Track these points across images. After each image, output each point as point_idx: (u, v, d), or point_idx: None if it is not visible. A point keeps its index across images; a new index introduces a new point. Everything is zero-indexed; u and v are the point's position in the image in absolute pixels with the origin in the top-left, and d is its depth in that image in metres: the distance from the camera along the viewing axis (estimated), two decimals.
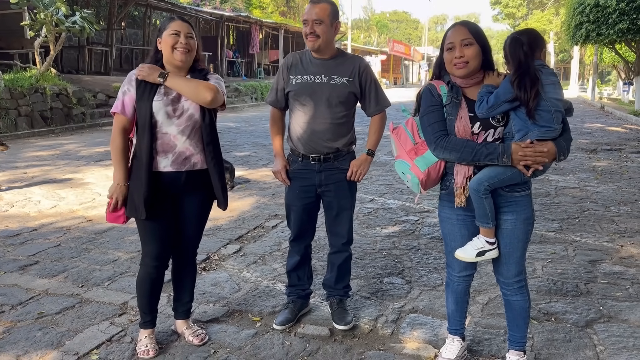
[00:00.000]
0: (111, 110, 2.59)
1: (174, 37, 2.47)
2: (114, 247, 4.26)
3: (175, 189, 2.60)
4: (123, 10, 18.36)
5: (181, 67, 2.54)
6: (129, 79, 2.54)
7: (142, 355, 2.66)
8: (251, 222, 5.08)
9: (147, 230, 2.63)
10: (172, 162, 2.54)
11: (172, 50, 2.48)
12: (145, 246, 2.68)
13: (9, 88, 10.47)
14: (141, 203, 2.49)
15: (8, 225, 4.79)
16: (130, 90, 2.51)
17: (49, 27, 11.19)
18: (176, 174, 2.56)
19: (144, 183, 2.47)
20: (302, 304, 3.12)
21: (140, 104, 2.49)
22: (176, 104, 2.52)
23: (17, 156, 8.33)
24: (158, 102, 2.48)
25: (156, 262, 2.68)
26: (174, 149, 2.53)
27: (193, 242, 2.81)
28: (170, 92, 2.52)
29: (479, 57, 2.31)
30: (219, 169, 2.64)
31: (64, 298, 3.31)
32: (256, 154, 9.02)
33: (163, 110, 2.49)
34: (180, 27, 2.49)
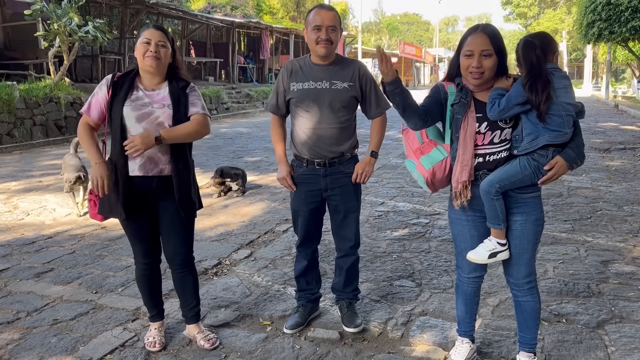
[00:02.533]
0: (81, 110, 2.69)
1: (145, 46, 2.56)
2: (127, 254, 4.32)
3: (148, 192, 2.65)
4: (135, 19, 18.58)
5: (153, 72, 2.61)
6: (102, 82, 2.65)
7: (149, 347, 2.80)
8: (262, 226, 5.12)
9: (129, 231, 2.75)
10: (140, 166, 2.59)
11: (143, 58, 2.57)
12: (133, 246, 2.81)
13: (24, 98, 10.66)
14: (120, 205, 2.58)
15: (24, 234, 4.88)
16: (99, 94, 2.62)
17: (62, 37, 11.38)
18: (146, 178, 2.61)
19: (120, 185, 2.56)
20: (311, 307, 3.14)
21: (114, 108, 2.57)
22: (145, 109, 2.58)
23: (32, 165, 8.47)
24: (127, 107, 2.56)
25: (146, 259, 2.80)
26: (143, 153, 2.56)
27: (180, 246, 2.79)
28: (140, 98, 2.59)
29: (495, 67, 2.32)
30: (184, 175, 2.66)
31: (78, 304, 3.37)
32: (267, 159, 9.07)
33: (132, 115, 2.56)
34: (152, 36, 2.56)
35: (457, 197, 2.41)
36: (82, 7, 12.06)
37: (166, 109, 2.60)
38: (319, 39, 2.71)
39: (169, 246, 2.79)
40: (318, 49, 2.74)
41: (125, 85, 2.58)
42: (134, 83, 2.62)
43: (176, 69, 2.70)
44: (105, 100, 2.59)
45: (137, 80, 2.64)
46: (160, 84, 2.66)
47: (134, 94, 2.59)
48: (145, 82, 2.64)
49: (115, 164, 2.58)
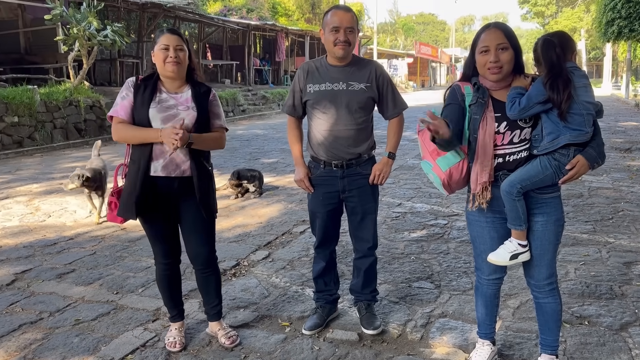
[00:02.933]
0: (108, 114, 2.71)
1: (164, 52, 2.59)
2: (146, 255, 4.36)
3: (170, 193, 2.68)
4: (152, 23, 18.79)
5: (174, 77, 2.66)
6: (127, 85, 2.68)
7: (170, 347, 2.82)
8: (279, 228, 5.13)
9: (151, 232, 2.78)
10: (163, 167, 2.62)
11: (163, 64, 2.60)
12: (154, 246, 2.84)
13: (45, 101, 10.85)
14: (133, 205, 2.60)
15: (46, 235, 4.96)
16: (129, 95, 2.64)
17: (81, 41, 11.55)
18: (168, 179, 2.64)
19: (137, 185, 2.59)
20: (330, 309, 3.14)
21: (139, 110, 2.61)
22: (171, 111, 2.62)
23: (53, 167, 8.61)
24: (153, 109, 2.60)
25: (166, 259, 2.83)
26: (166, 154, 2.61)
27: (203, 246, 2.83)
28: (165, 100, 2.63)
29: (513, 61, 2.30)
30: (205, 178, 2.72)
31: (99, 305, 3.41)
32: (283, 161, 9.10)
33: (158, 117, 2.60)
34: (169, 41, 2.60)
35: (476, 198, 2.39)
36: (101, 12, 12.24)
37: (191, 111, 2.64)
38: (337, 40, 2.71)
39: (191, 246, 2.82)
40: (336, 51, 2.74)
41: (148, 88, 2.62)
42: (157, 86, 2.66)
43: (192, 70, 2.74)
44: (132, 102, 2.63)
45: (159, 83, 2.68)
46: (181, 87, 2.71)
47: (158, 96, 2.63)
48: (167, 86, 2.68)
49: (138, 163, 2.60)
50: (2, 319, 3.21)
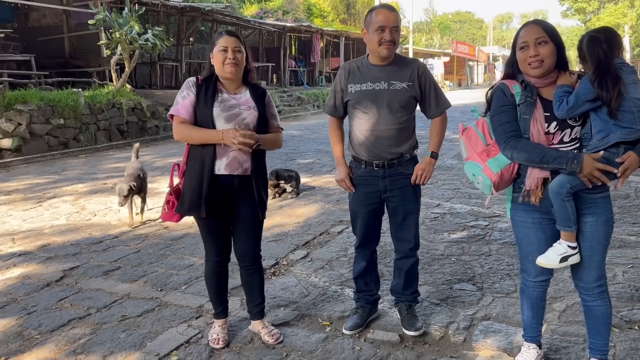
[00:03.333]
0: (169, 113, 2.76)
1: (223, 54, 2.65)
2: (189, 253, 4.45)
3: (230, 191, 2.72)
4: (191, 26, 19.16)
5: (232, 78, 2.72)
6: (187, 85, 2.73)
7: (213, 344, 2.87)
8: (317, 228, 5.15)
9: (207, 229, 2.82)
10: (226, 165, 2.67)
11: (222, 65, 2.65)
12: (207, 244, 2.88)
13: (89, 104, 11.20)
14: (202, 203, 2.65)
15: (92, 233, 5.12)
16: (190, 95, 2.69)
17: (123, 45, 11.88)
18: (230, 177, 2.69)
19: (205, 183, 2.63)
20: (370, 309, 3.13)
21: (202, 109, 2.66)
22: (233, 110, 2.67)
23: (97, 168, 8.88)
24: (217, 108, 2.65)
25: (218, 257, 2.87)
26: (228, 153, 2.66)
27: (253, 244, 2.91)
28: (227, 100, 2.69)
29: (554, 56, 2.25)
30: (262, 177, 2.80)
31: (144, 301, 3.50)
32: (319, 161, 9.12)
33: (222, 116, 2.65)
34: (228, 43, 2.65)
35: (531, 194, 2.32)
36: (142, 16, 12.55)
37: (252, 111, 2.71)
38: (383, 40, 2.69)
39: (242, 244, 2.87)
40: (380, 50, 2.73)
41: (210, 89, 2.68)
42: (217, 86, 2.71)
43: (248, 72, 2.80)
44: (193, 101, 2.68)
45: (219, 84, 2.73)
46: (239, 87, 2.77)
47: (219, 96, 2.69)
48: (226, 86, 2.74)
49: (202, 161, 2.65)
50: (52, 314, 3.33)
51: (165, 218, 2.85)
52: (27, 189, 7.24)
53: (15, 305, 3.46)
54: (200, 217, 2.71)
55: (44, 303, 3.49)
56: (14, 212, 5.95)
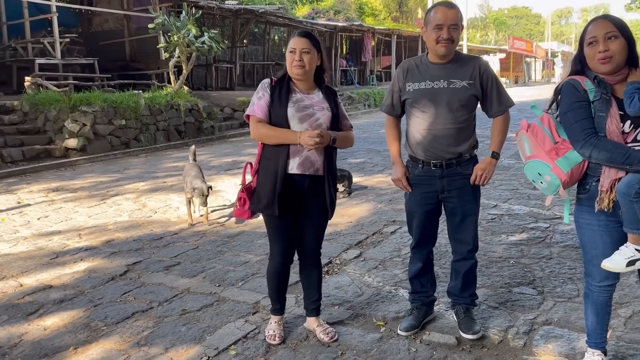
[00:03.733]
0: (245, 113, 2.82)
1: (291, 55, 2.68)
2: (244, 250, 4.55)
3: (300, 191, 2.75)
4: (245, 29, 19.53)
5: (300, 79, 2.74)
6: (262, 86, 2.78)
7: (270, 340, 2.91)
8: (370, 227, 5.14)
9: (276, 229, 2.85)
10: (299, 165, 2.70)
11: (290, 67, 2.70)
12: (273, 243, 2.90)
13: (149, 105, 11.62)
14: (275, 201, 2.69)
15: (152, 230, 5.31)
16: (265, 95, 2.75)
17: (181, 48, 12.25)
18: (301, 177, 2.72)
19: (278, 182, 2.67)
20: (426, 311, 3.09)
21: (276, 110, 2.71)
22: (307, 110, 2.70)
23: (157, 167, 9.21)
24: (291, 108, 2.69)
25: (283, 258, 2.90)
26: (301, 152, 2.69)
27: (316, 242, 2.96)
28: (301, 100, 2.72)
29: (625, 52, 2.16)
30: (333, 177, 2.82)
31: (203, 296, 3.60)
32: (371, 161, 9.08)
33: (296, 116, 2.69)
34: (296, 44, 2.68)
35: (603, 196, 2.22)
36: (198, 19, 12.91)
37: (326, 112, 2.75)
38: (440, 38, 2.66)
39: (306, 242, 2.91)
40: (438, 49, 2.69)
41: (284, 89, 2.73)
42: (290, 86, 2.76)
43: (323, 71, 2.82)
44: (268, 102, 2.74)
45: (292, 84, 2.78)
46: (312, 88, 2.81)
47: (293, 96, 2.73)
48: (299, 87, 2.78)
49: (276, 160, 2.70)
50: (117, 306, 3.49)
51: (237, 215, 2.92)
52: (91, 186, 7.60)
53: (82, 298, 3.65)
54: (272, 215, 2.75)
55: (109, 296, 3.66)
56: (80, 208, 6.26)
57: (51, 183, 7.90)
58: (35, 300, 3.60)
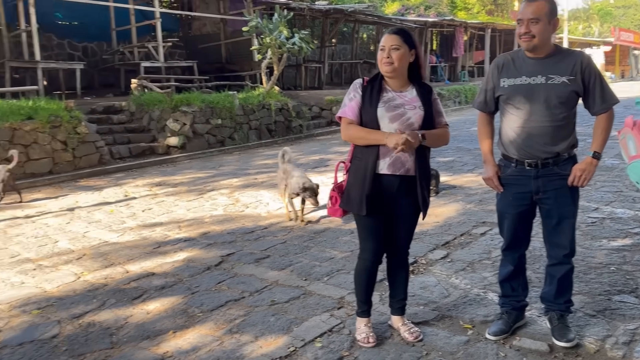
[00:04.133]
0: (337, 115, 2.86)
1: (381, 53, 2.69)
2: (330, 246, 4.64)
3: (391, 191, 2.75)
4: (334, 28, 19.75)
5: (391, 77, 2.73)
6: (354, 87, 2.81)
7: (363, 343, 2.89)
8: (457, 228, 5.02)
9: (366, 228, 2.85)
10: (389, 165, 2.70)
11: (380, 65, 2.71)
12: (363, 242, 2.90)
13: (242, 105, 12.12)
14: (363, 200, 2.71)
15: (244, 224, 5.56)
16: (357, 97, 2.77)
17: (273, 49, 12.64)
18: (392, 177, 2.72)
19: (367, 182, 2.69)
20: (516, 315, 2.99)
21: (367, 110, 2.72)
22: (398, 110, 2.69)
23: (249, 164, 9.60)
24: (381, 108, 2.69)
25: (373, 257, 2.89)
26: (391, 153, 2.68)
27: (405, 242, 2.95)
28: (392, 100, 2.71)
29: None
30: (425, 177, 2.78)
31: (291, 289, 3.73)
32: (460, 159, 8.85)
33: (386, 116, 2.68)
34: (386, 42, 2.68)
35: None
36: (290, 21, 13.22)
37: (417, 110, 2.71)
38: (519, 33, 2.61)
39: (396, 241, 2.91)
40: (521, 43, 2.63)
41: (375, 88, 2.74)
42: (382, 85, 2.76)
43: (419, 68, 2.78)
44: (359, 103, 2.77)
45: (384, 82, 2.78)
46: (405, 85, 2.78)
47: (384, 95, 2.74)
48: (391, 85, 2.77)
49: (366, 160, 2.73)
50: (212, 295, 3.70)
51: (330, 213, 2.98)
52: (190, 182, 8.08)
53: (181, 285, 3.91)
54: (361, 214, 2.78)
55: (205, 285, 3.89)
56: (179, 202, 6.68)
57: (154, 178, 8.50)
58: (139, 286, 3.92)
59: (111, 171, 9.23)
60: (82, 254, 4.73)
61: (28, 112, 8.78)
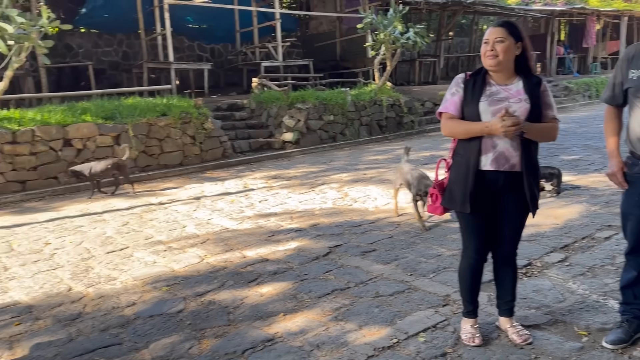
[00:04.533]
0: (438, 111, 2.83)
1: (484, 46, 2.62)
2: (437, 244, 4.60)
3: (495, 188, 2.67)
4: (452, 21, 19.20)
5: (495, 70, 2.64)
6: (456, 82, 2.76)
7: (468, 342, 2.86)
8: (579, 231, 4.70)
9: (469, 226, 2.81)
10: (492, 161, 2.63)
11: (484, 59, 2.64)
12: (466, 240, 2.87)
13: (354, 102, 12.30)
14: (467, 198, 2.67)
15: (352, 217, 5.68)
16: (459, 92, 2.72)
17: (387, 45, 12.64)
18: (495, 173, 2.64)
19: (470, 179, 2.64)
20: (638, 325, 2.76)
21: (469, 105, 2.67)
22: (502, 103, 2.60)
23: (358, 159, 9.74)
24: (484, 102, 2.63)
25: (476, 255, 2.84)
26: (495, 148, 2.61)
27: (511, 242, 2.85)
28: (495, 93, 2.63)
29: None
30: (533, 173, 2.65)
31: (395, 283, 3.77)
32: (587, 158, 8.21)
33: (489, 110, 2.61)
34: (490, 35, 2.61)
35: None
36: (405, 15, 13.11)
37: (523, 103, 2.61)
38: None
39: (502, 241, 2.83)
40: None
41: (478, 82, 2.68)
42: (486, 79, 2.70)
43: (526, 60, 2.67)
44: (461, 98, 2.72)
45: (488, 76, 2.70)
46: (510, 78, 2.68)
47: (487, 89, 2.67)
48: (495, 78, 2.69)
49: (467, 157, 2.68)
50: (319, 283, 3.86)
51: (431, 210, 2.97)
52: (302, 175, 8.40)
53: (291, 272, 4.12)
54: (464, 212, 2.74)
55: (313, 273, 4.07)
56: (292, 194, 6.99)
57: (270, 171, 8.96)
58: (254, 270, 4.20)
59: (233, 164, 9.89)
60: (205, 238, 5.16)
61: (162, 109, 9.71)
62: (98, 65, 15.18)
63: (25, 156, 8.03)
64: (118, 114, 9.17)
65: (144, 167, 9.21)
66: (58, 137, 8.38)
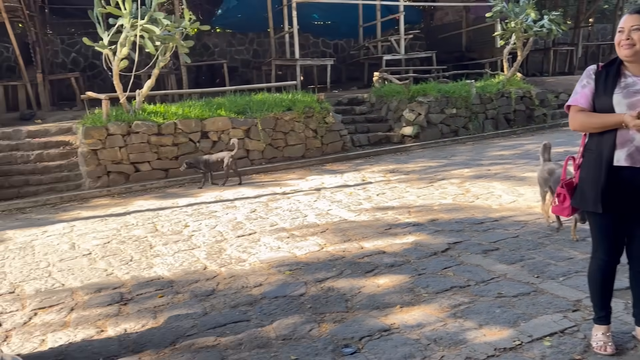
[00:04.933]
0: (567, 103, 2.65)
1: (619, 35, 2.44)
2: (569, 246, 4.30)
3: (632, 186, 2.45)
4: (592, 6, 17.61)
5: (632, 61, 2.45)
6: (587, 74, 2.60)
7: (599, 351, 2.67)
8: None
9: (601, 227, 2.62)
10: (627, 156, 2.43)
11: (618, 47, 2.46)
12: (596, 240, 2.68)
13: (479, 94, 11.82)
14: (598, 197, 2.49)
15: (474, 214, 5.50)
16: (590, 83, 2.56)
17: (518, 34, 11.95)
18: (632, 170, 2.43)
19: (602, 176, 2.47)
20: None
21: (601, 97, 2.50)
22: (638, 96, 2.40)
23: (482, 154, 9.36)
24: (618, 94, 2.45)
25: (606, 256, 2.64)
26: (632, 142, 2.41)
27: None
28: (631, 85, 2.44)
29: None
30: None
31: (520, 284, 3.60)
32: None
33: (624, 102, 2.43)
34: (626, 22, 2.42)
35: None
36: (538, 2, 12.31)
37: None
38: None
39: (637, 243, 2.61)
40: None
41: (611, 74, 2.52)
42: (620, 70, 2.53)
43: None
44: (592, 90, 2.57)
45: (623, 67, 2.53)
46: None
47: (622, 80, 2.50)
48: (631, 69, 2.51)
49: (600, 152, 2.52)
50: (437, 278, 3.82)
51: (556, 211, 2.84)
52: (421, 170, 8.29)
53: (408, 266, 4.12)
54: (595, 212, 2.56)
55: (431, 268, 4.03)
56: (410, 189, 6.94)
57: (389, 165, 8.96)
58: (371, 262, 4.26)
59: (351, 157, 10.05)
60: (325, 228, 5.34)
61: (288, 104, 10.17)
62: (231, 63, 16.27)
63: (168, 147, 8.90)
64: (249, 108, 9.79)
65: (270, 159, 9.72)
66: (197, 129, 9.18)
